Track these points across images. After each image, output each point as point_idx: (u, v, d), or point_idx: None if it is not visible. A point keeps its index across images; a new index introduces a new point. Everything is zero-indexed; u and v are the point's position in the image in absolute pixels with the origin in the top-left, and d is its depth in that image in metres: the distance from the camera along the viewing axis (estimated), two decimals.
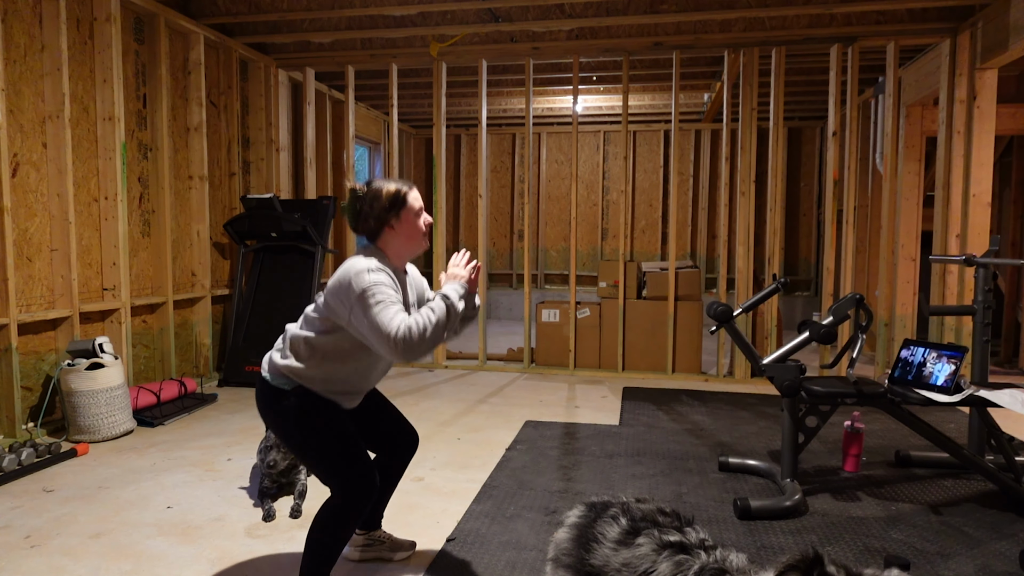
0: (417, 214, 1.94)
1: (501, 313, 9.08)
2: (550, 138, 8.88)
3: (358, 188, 1.93)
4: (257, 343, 4.86)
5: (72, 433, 3.51)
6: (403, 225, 1.92)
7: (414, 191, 1.95)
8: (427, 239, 1.99)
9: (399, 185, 1.92)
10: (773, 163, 5.02)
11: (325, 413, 1.89)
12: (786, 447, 2.80)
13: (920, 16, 4.65)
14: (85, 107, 3.91)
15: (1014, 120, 5.07)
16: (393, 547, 2.26)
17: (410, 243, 1.95)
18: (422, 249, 1.99)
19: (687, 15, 4.58)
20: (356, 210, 1.92)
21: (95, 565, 2.21)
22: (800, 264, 8.37)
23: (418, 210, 1.94)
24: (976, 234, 4.52)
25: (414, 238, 1.94)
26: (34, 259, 3.62)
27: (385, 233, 1.92)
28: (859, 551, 2.32)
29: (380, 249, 1.94)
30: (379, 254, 1.91)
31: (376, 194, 1.90)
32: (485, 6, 4.55)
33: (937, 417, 4.07)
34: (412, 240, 1.94)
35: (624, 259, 5.32)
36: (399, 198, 1.91)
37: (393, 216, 1.90)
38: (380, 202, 1.90)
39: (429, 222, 1.98)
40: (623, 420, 4.00)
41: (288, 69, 5.60)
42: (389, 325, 1.74)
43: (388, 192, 1.90)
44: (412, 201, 1.93)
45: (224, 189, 5.17)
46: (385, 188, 1.91)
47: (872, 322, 3.12)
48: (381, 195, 1.90)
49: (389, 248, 1.94)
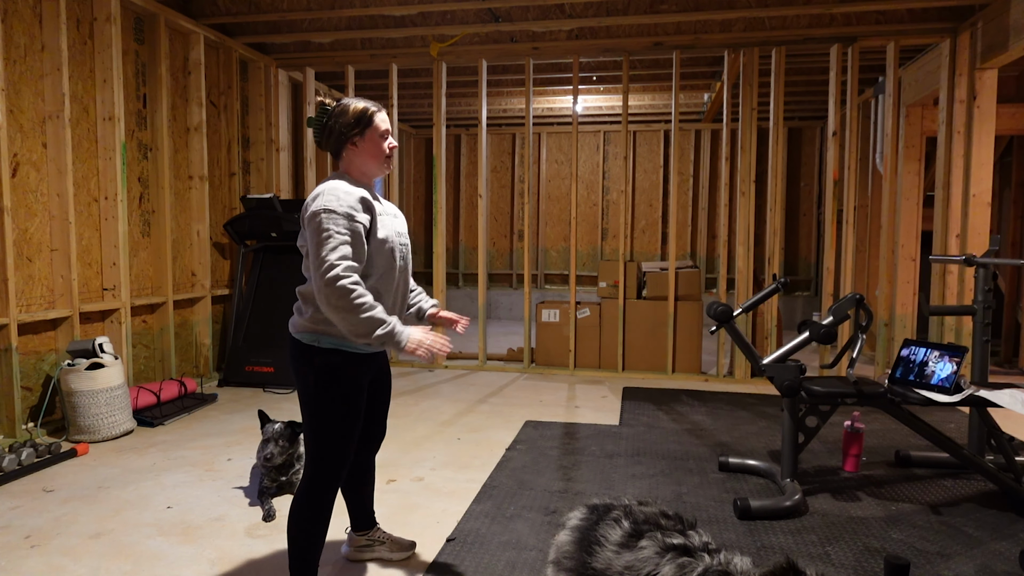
0: (382, 135, 1.93)
1: (501, 313, 9.08)
2: (550, 138, 8.88)
3: (327, 102, 1.93)
4: (257, 343, 4.86)
5: (72, 433, 3.51)
6: (366, 143, 1.91)
7: (382, 113, 1.95)
8: (390, 163, 1.98)
9: (367, 104, 1.92)
10: (773, 163, 5.02)
11: (346, 385, 1.87)
12: (786, 447, 2.80)
13: (920, 16, 4.65)
14: (85, 107, 3.91)
15: (1014, 120, 5.07)
16: (393, 547, 2.26)
17: (373, 162, 1.94)
18: (385, 171, 1.98)
19: (687, 15, 4.58)
20: (322, 123, 1.92)
21: (95, 565, 2.21)
22: (800, 264, 8.37)
23: (383, 131, 1.93)
24: (976, 234, 4.52)
25: (376, 157, 1.93)
26: (34, 259, 3.62)
27: (348, 150, 1.92)
28: (859, 551, 2.32)
29: (344, 172, 1.94)
30: (344, 176, 1.92)
31: (343, 110, 1.90)
32: (485, 6, 4.55)
33: (937, 417, 4.07)
34: (374, 159, 1.93)
35: (624, 259, 5.32)
36: (365, 116, 1.90)
37: (356, 133, 1.90)
38: (346, 117, 1.89)
39: (393, 146, 1.97)
40: (623, 420, 4.00)
41: (288, 69, 5.60)
42: (328, 256, 1.73)
43: (355, 109, 1.90)
44: (379, 121, 1.92)
45: (224, 189, 5.17)
46: (353, 105, 1.91)
47: (872, 322, 3.12)
48: (348, 111, 1.90)
49: (352, 167, 1.94)
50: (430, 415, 4.10)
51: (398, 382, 5.04)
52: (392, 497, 2.79)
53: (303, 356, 1.87)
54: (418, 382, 5.05)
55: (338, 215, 1.77)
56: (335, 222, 1.77)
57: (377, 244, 1.86)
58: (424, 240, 9.26)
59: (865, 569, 2.20)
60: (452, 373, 5.39)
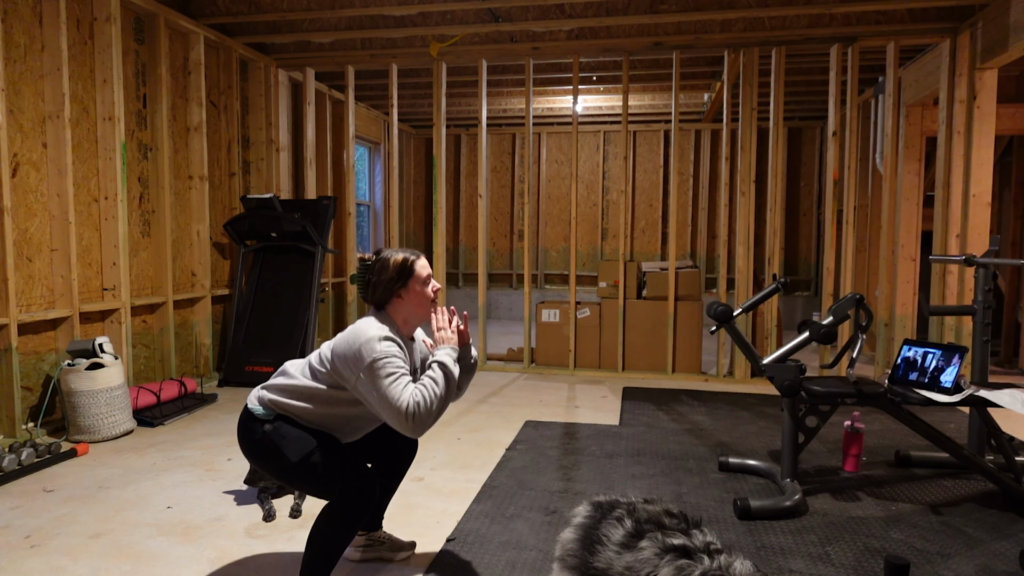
0: (424, 282, 1.97)
1: (501, 313, 9.08)
2: (550, 138, 8.88)
3: (367, 257, 1.99)
4: (257, 343, 4.87)
5: (72, 433, 3.51)
6: (411, 294, 1.95)
7: (422, 260, 1.99)
8: (435, 306, 2.01)
9: (406, 255, 1.96)
10: (773, 163, 5.02)
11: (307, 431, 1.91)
12: (786, 447, 2.80)
13: (920, 16, 4.65)
14: (85, 107, 3.91)
15: (1014, 120, 5.07)
16: (393, 547, 2.26)
17: (419, 311, 1.98)
18: (430, 315, 2.01)
19: (687, 15, 4.58)
20: (365, 280, 1.96)
21: (95, 565, 2.21)
22: (800, 264, 8.37)
23: (425, 278, 1.97)
24: (976, 234, 4.52)
25: (422, 306, 1.98)
26: (34, 259, 3.62)
27: (394, 302, 1.96)
28: (859, 551, 2.32)
29: (389, 316, 1.96)
30: (388, 320, 1.94)
31: (384, 264, 1.94)
32: (485, 6, 4.55)
33: (937, 417, 4.07)
34: (420, 308, 1.98)
35: (624, 259, 5.32)
36: (406, 268, 1.94)
37: (400, 286, 1.94)
38: (388, 272, 1.93)
39: (437, 288, 2.01)
40: (623, 420, 4.00)
41: (288, 69, 5.60)
42: (400, 400, 1.76)
43: (395, 262, 1.94)
44: (419, 270, 1.96)
45: (224, 189, 5.17)
46: (393, 258, 1.95)
47: (872, 322, 3.12)
48: (389, 265, 1.94)
49: (398, 315, 1.97)
50: None
51: None
52: (392, 497, 2.79)
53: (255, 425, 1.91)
54: None
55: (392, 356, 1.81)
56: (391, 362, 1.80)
57: None
58: (424, 240, 9.25)
59: (865, 569, 2.20)
60: None
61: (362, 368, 1.79)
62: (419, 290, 1.96)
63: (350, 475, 1.88)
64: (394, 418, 1.77)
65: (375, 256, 1.98)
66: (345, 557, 2.26)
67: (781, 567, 2.21)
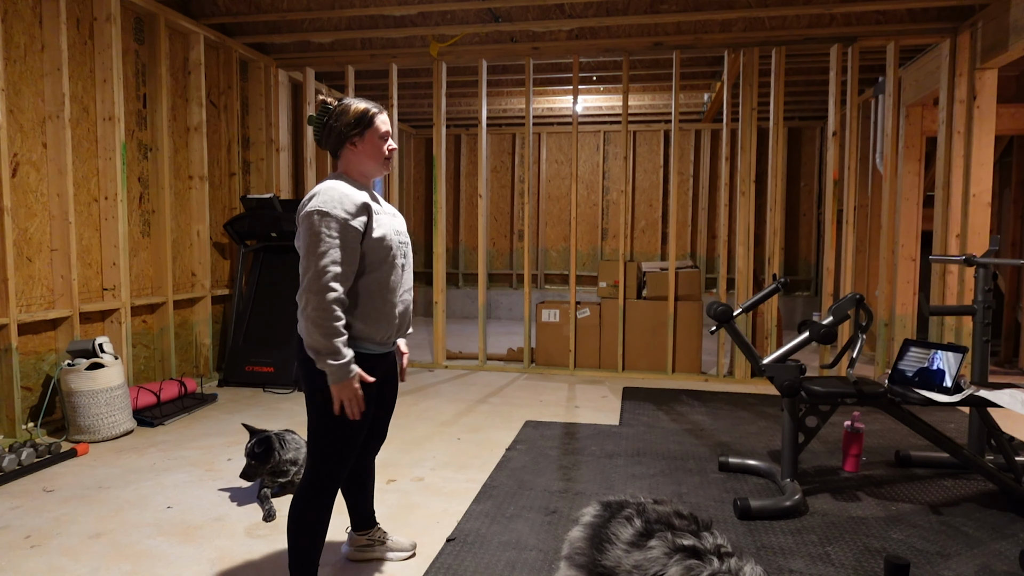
0: (382, 137, 1.93)
1: (501, 313, 9.08)
2: (550, 138, 8.88)
3: (329, 101, 1.94)
4: (257, 343, 4.86)
5: (72, 433, 3.51)
6: (366, 144, 1.92)
7: (383, 114, 1.95)
8: (389, 164, 1.98)
9: (368, 105, 1.93)
10: (773, 163, 5.02)
11: None
12: (786, 447, 2.80)
13: (920, 16, 4.65)
14: (85, 107, 3.91)
15: (1014, 120, 5.07)
16: (393, 547, 2.26)
17: (371, 162, 1.94)
18: (383, 172, 1.99)
19: (687, 15, 4.58)
20: (322, 122, 1.93)
21: (95, 565, 2.21)
22: (800, 264, 8.37)
23: (383, 133, 1.93)
24: (976, 234, 4.52)
25: (375, 158, 1.94)
26: (34, 259, 3.62)
27: (347, 150, 1.92)
28: (859, 551, 2.32)
29: (343, 172, 1.95)
30: (342, 176, 1.92)
31: (344, 109, 1.91)
32: (485, 6, 4.55)
33: (937, 417, 4.07)
34: (373, 160, 1.94)
35: (624, 259, 5.32)
36: (366, 117, 1.91)
37: (356, 134, 1.90)
38: (346, 117, 1.90)
39: (392, 148, 1.98)
40: (623, 420, 4.00)
41: (288, 69, 5.60)
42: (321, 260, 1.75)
43: (356, 110, 1.91)
44: (379, 123, 1.92)
45: (224, 189, 5.17)
46: (354, 106, 1.91)
47: (872, 322, 3.12)
48: (349, 111, 1.90)
49: (351, 167, 1.94)
50: (430, 415, 4.10)
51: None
52: (392, 497, 2.79)
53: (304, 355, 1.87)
54: (418, 382, 5.05)
55: (331, 217, 1.78)
56: (328, 225, 1.77)
57: (374, 243, 1.86)
58: (424, 240, 9.26)
59: (865, 569, 2.20)
60: (452, 373, 5.39)
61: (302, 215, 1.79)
62: (375, 142, 1.92)
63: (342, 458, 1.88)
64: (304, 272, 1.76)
65: (338, 102, 1.93)
66: (345, 557, 2.26)
67: (781, 567, 2.21)
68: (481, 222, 5.57)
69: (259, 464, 2.70)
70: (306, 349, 1.80)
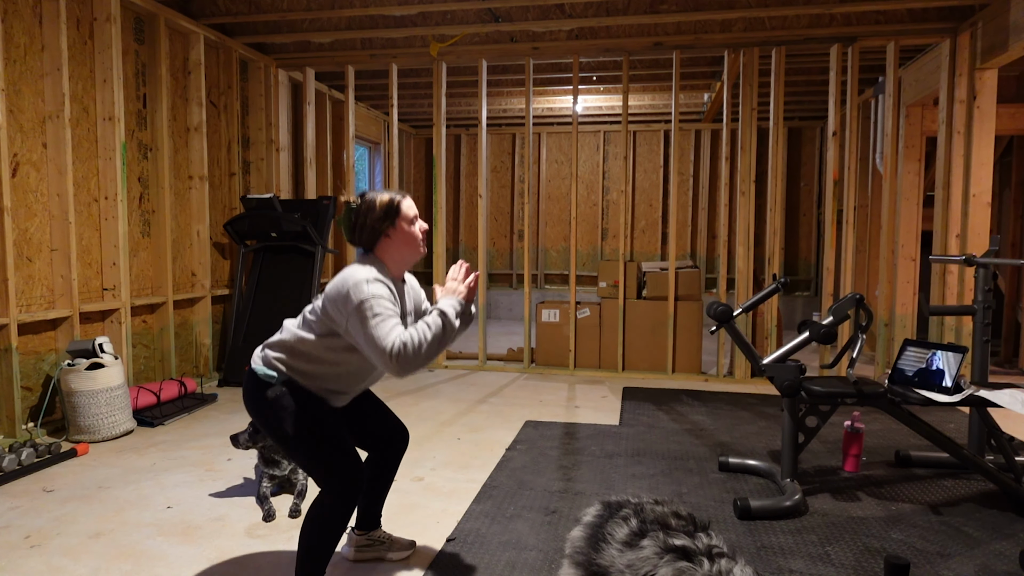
0: (411, 222, 1.96)
1: (501, 313, 9.08)
2: (550, 138, 8.88)
3: (352, 200, 1.96)
4: (257, 343, 4.86)
5: (72, 433, 3.51)
6: (399, 233, 1.94)
7: (407, 199, 1.97)
8: (424, 245, 2.00)
9: (392, 195, 1.95)
10: (773, 163, 5.02)
11: (312, 407, 1.91)
12: (786, 447, 2.80)
13: (920, 16, 4.65)
14: (85, 107, 3.91)
15: (1014, 120, 5.07)
16: (393, 547, 2.26)
17: (407, 250, 1.97)
18: (419, 256, 2.01)
19: (687, 15, 4.58)
20: (351, 222, 1.94)
21: (95, 565, 2.21)
22: (800, 264, 8.37)
23: (412, 217, 1.96)
24: (976, 234, 4.52)
25: (411, 245, 1.96)
26: (34, 259, 3.62)
27: (381, 242, 1.94)
28: (859, 551, 2.32)
29: (378, 258, 1.95)
30: (378, 263, 1.93)
31: (370, 205, 1.92)
32: (485, 6, 4.55)
33: (937, 417, 4.07)
34: (409, 247, 1.97)
35: (624, 259, 5.32)
36: (392, 207, 1.93)
37: (388, 225, 1.92)
38: (374, 213, 1.92)
39: (425, 228, 2.00)
40: (623, 420, 4.00)
41: (288, 69, 5.60)
42: (386, 340, 1.76)
43: (381, 202, 1.93)
44: (406, 209, 1.95)
45: (224, 189, 5.17)
46: (379, 199, 1.93)
47: (872, 322, 3.12)
48: (375, 206, 1.92)
49: (387, 257, 1.96)
50: (430, 415, 4.10)
51: (398, 382, 5.04)
52: (392, 497, 2.79)
53: (261, 388, 1.91)
54: (418, 382, 5.05)
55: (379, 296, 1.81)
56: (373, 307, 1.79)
57: None
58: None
59: (865, 569, 2.20)
60: (452, 373, 5.39)
61: (350, 310, 1.79)
62: (407, 229, 1.94)
63: (345, 460, 1.89)
64: (379, 357, 1.76)
65: (360, 198, 1.95)
66: (344, 556, 2.26)
67: (781, 567, 2.21)
68: (481, 222, 5.57)
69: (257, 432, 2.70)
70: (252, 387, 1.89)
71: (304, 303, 4.92)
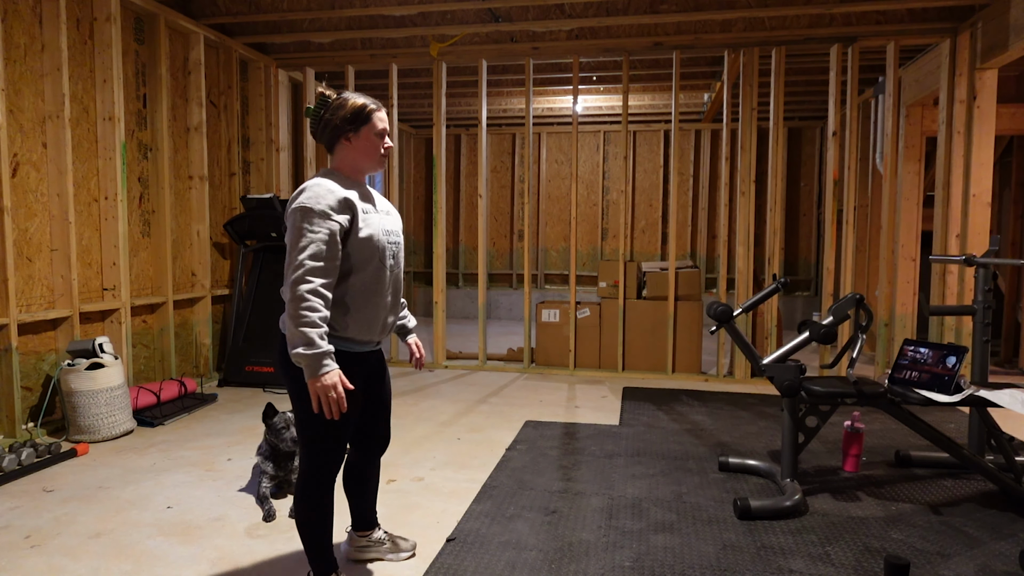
0: (379, 134, 1.90)
1: (501, 313, 9.08)
2: (550, 138, 8.87)
3: (328, 93, 1.90)
4: (257, 343, 4.86)
5: (72, 433, 3.51)
6: (361, 141, 1.88)
7: (381, 111, 1.91)
8: (384, 161, 1.95)
9: (366, 101, 1.89)
10: (773, 163, 5.02)
11: None
12: (786, 447, 2.80)
13: (920, 16, 4.65)
14: (85, 107, 3.91)
15: (1014, 120, 5.07)
16: (393, 548, 2.26)
17: (366, 159, 1.91)
18: (378, 169, 1.95)
19: (687, 15, 4.58)
20: (319, 115, 1.89)
21: (95, 565, 2.21)
22: (800, 264, 8.37)
23: (380, 130, 1.90)
24: (976, 234, 4.52)
25: (370, 155, 1.90)
26: (34, 259, 3.62)
27: (341, 145, 1.89)
28: (859, 551, 2.32)
29: (335, 169, 1.92)
30: (333, 174, 1.89)
31: (341, 103, 1.87)
32: (485, 6, 4.55)
33: (937, 417, 4.07)
34: (368, 157, 1.90)
35: (624, 259, 5.32)
36: (362, 114, 1.87)
37: (351, 129, 1.87)
38: (343, 111, 1.86)
39: (389, 146, 1.95)
40: (623, 420, 4.00)
41: (288, 69, 5.60)
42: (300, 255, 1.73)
43: (353, 105, 1.87)
44: (376, 120, 1.89)
45: (224, 189, 5.17)
46: (352, 100, 1.87)
47: (872, 322, 3.12)
48: (346, 105, 1.86)
49: (344, 162, 1.91)
50: (430, 415, 4.10)
51: (397, 382, 5.04)
52: (392, 497, 2.79)
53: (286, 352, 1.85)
54: (418, 382, 5.05)
55: (314, 213, 1.75)
56: (309, 220, 1.75)
57: (360, 243, 1.83)
58: (424, 240, 9.26)
59: (865, 569, 2.20)
60: (452, 373, 5.39)
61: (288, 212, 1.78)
62: (371, 139, 1.89)
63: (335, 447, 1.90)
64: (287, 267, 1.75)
65: (337, 95, 1.89)
66: (345, 557, 2.26)
67: (781, 567, 2.21)
68: (481, 222, 5.57)
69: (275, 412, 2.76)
70: (289, 346, 1.76)
71: None
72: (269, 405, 2.79)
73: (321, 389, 1.73)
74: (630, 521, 2.56)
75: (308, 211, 1.75)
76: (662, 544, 2.37)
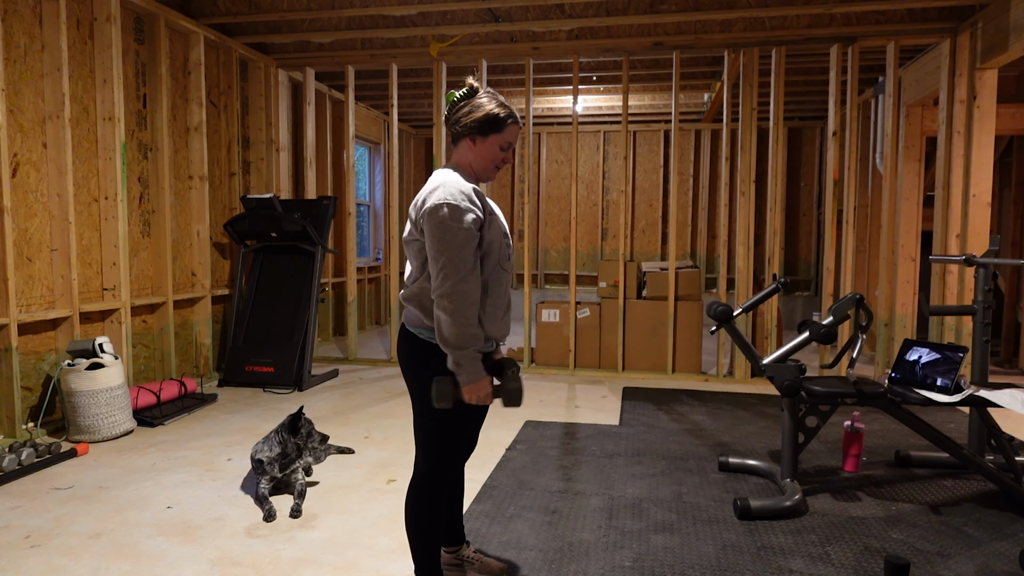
0: (504, 147, 1.82)
1: None
2: (550, 138, 8.88)
3: (476, 86, 1.83)
4: (257, 343, 4.86)
5: (72, 433, 3.51)
6: (484, 147, 1.80)
7: (516, 125, 1.82)
8: (496, 173, 1.88)
9: (506, 112, 1.80)
10: (773, 163, 5.02)
11: None
12: (786, 447, 2.80)
13: (920, 16, 4.65)
14: (85, 107, 3.91)
15: (1014, 120, 5.07)
16: (482, 569, 2.12)
17: (481, 165, 1.83)
18: (489, 178, 1.88)
19: (687, 15, 4.58)
20: (456, 106, 1.82)
21: (95, 565, 2.21)
22: (800, 264, 8.37)
23: (507, 144, 1.82)
24: (976, 234, 4.52)
25: (487, 164, 1.83)
26: (34, 259, 3.62)
27: (465, 143, 1.82)
28: (859, 551, 2.32)
29: (457, 164, 1.85)
30: (457, 169, 1.82)
31: (478, 106, 1.79)
32: (485, 6, 4.55)
33: (937, 417, 4.07)
34: (484, 165, 1.83)
35: (624, 259, 5.32)
36: (496, 121, 1.79)
37: (479, 135, 1.79)
38: (479, 112, 1.78)
39: (508, 161, 1.87)
40: (623, 420, 4.00)
41: (288, 69, 5.60)
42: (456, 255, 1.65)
43: (489, 111, 1.78)
44: (506, 131, 1.80)
45: (224, 189, 5.17)
46: (490, 105, 1.79)
47: (872, 322, 3.12)
48: (481, 109, 1.79)
49: (463, 161, 1.84)
50: None
51: (398, 382, 5.04)
52: (392, 497, 2.79)
53: (420, 353, 1.79)
54: None
55: (461, 210, 1.67)
56: (459, 219, 1.67)
57: (487, 244, 1.77)
58: None
59: (865, 569, 2.20)
60: None
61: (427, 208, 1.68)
62: (494, 149, 1.81)
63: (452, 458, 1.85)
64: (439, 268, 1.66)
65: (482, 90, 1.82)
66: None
67: (781, 567, 2.21)
68: None
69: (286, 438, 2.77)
70: (442, 346, 1.69)
71: (304, 303, 4.92)
72: (300, 409, 2.81)
73: (479, 393, 1.70)
74: (630, 521, 2.56)
75: (455, 208, 1.68)
76: (662, 544, 2.37)
